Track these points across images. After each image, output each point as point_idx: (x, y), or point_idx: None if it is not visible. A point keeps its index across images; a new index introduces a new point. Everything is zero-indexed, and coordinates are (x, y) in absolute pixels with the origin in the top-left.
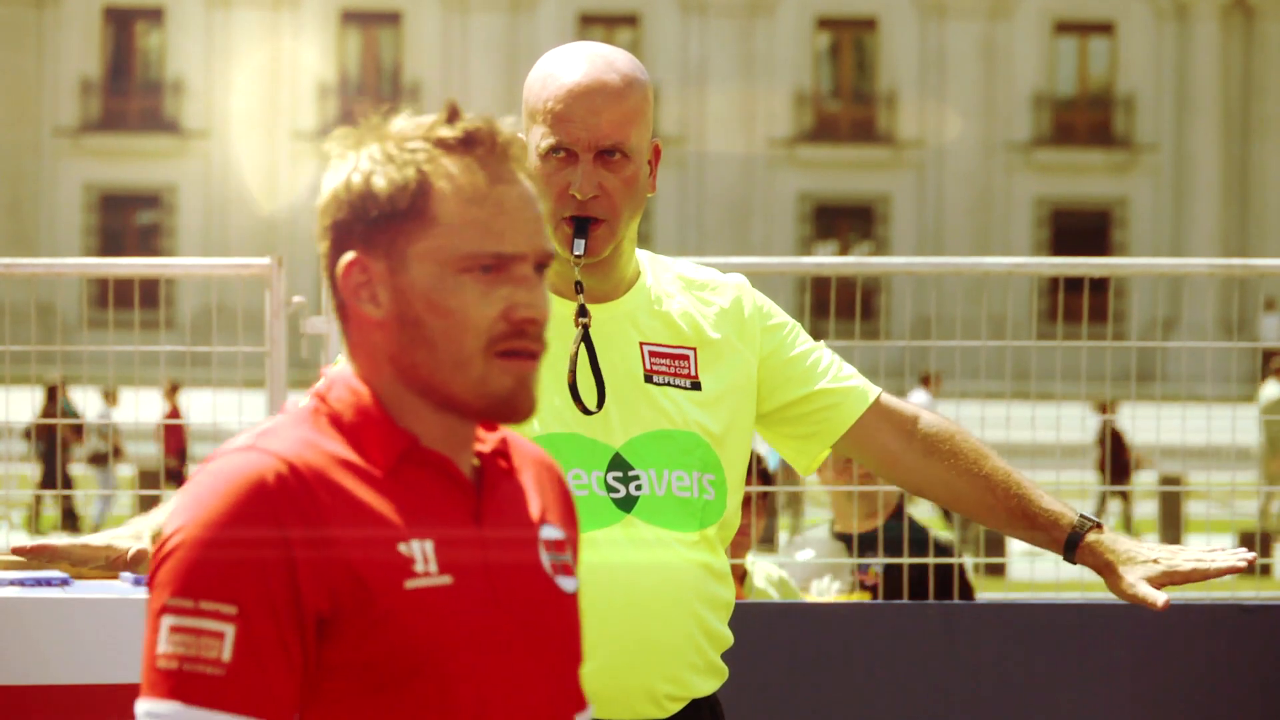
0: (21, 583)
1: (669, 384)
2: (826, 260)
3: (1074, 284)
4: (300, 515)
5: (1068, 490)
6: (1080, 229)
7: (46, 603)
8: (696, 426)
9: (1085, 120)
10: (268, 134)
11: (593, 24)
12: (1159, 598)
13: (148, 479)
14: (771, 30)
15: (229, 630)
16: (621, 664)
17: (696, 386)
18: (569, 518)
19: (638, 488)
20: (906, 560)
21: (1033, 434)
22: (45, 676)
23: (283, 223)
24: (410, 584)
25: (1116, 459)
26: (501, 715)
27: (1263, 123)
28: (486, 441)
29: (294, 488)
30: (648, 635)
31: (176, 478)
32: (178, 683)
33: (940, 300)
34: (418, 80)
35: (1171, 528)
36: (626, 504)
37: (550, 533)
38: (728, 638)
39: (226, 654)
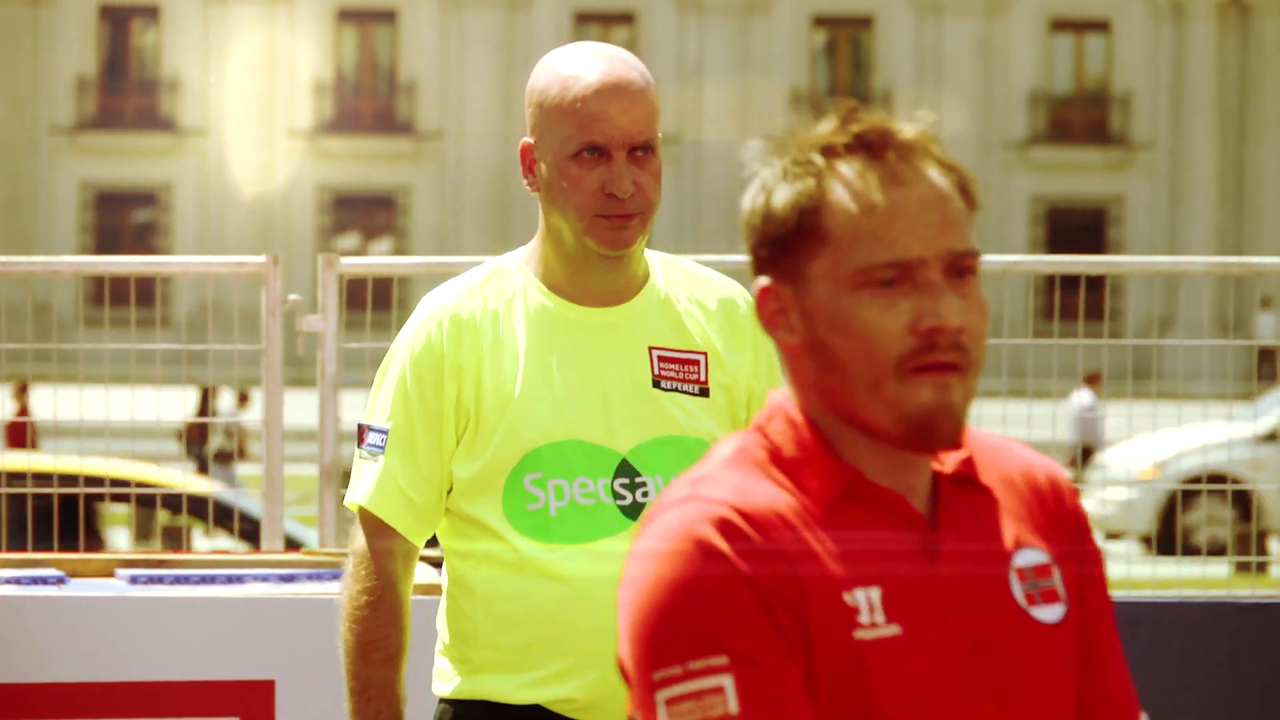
0: (18, 581)
1: (676, 389)
2: None
3: (1070, 282)
4: (754, 557)
5: None
6: (1076, 227)
7: (42, 601)
8: (705, 433)
9: (1081, 118)
10: (264, 132)
11: (589, 22)
12: None
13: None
14: (768, 28)
15: (727, 681)
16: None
17: (704, 393)
18: (1067, 530)
19: (644, 494)
20: None
21: (1029, 431)
22: (41, 675)
23: (279, 221)
24: (858, 634)
25: None
26: None
27: (1259, 121)
28: (947, 462)
29: (743, 532)
30: None
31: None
32: None
33: None
34: (414, 78)
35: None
36: (633, 511)
37: (1028, 558)
38: None
39: (733, 706)
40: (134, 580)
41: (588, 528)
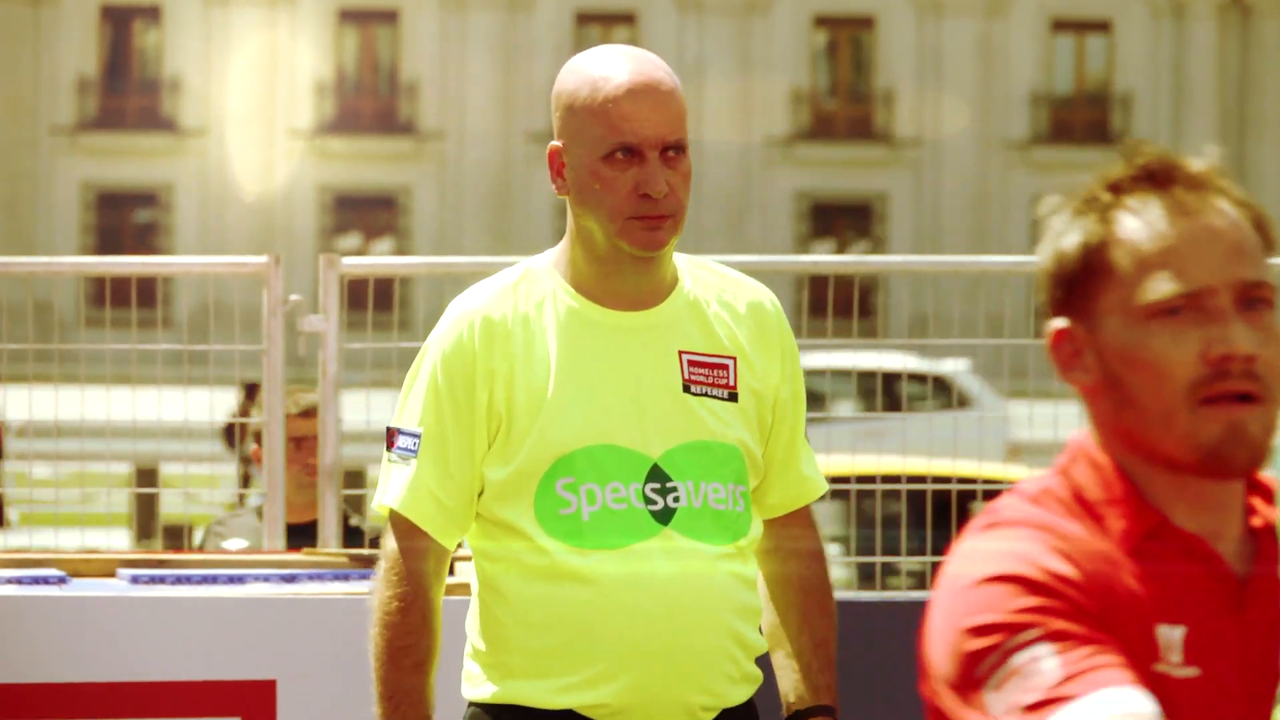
0: (19, 580)
1: (706, 394)
2: (824, 259)
3: None
4: (1060, 566)
5: None
6: None
7: (43, 601)
8: (734, 439)
9: (1082, 118)
10: (265, 132)
11: (589, 22)
12: None
13: None
14: (768, 28)
15: (1043, 650)
16: (656, 679)
17: (733, 398)
18: None
19: (675, 499)
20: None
21: (1030, 432)
22: (42, 675)
23: (280, 221)
24: (1157, 668)
25: None
26: None
27: (1259, 121)
28: (1264, 512)
29: (1046, 549)
30: (682, 650)
31: None
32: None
33: (938, 299)
34: (415, 79)
35: None
36: (664, 516)
37: None
38: (762, 645)
39: (1052, 669)
40: (135, 580)
41: (620, 533)
